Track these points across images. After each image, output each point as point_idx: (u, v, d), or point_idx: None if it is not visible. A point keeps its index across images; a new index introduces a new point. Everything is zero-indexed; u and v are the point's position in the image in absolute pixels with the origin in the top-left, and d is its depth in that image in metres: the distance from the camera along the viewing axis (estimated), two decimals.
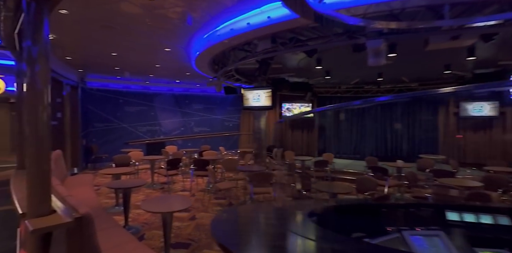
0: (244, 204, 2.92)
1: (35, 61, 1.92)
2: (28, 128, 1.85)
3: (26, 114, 1.87)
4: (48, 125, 1.85)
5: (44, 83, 1.90)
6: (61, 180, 5.18)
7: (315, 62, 6.01)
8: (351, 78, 8.54)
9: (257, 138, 7.91)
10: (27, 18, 2.08)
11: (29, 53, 2.03)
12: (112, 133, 10.19)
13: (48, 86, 1.89)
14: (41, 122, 1.81)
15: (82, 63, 6.96)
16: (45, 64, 1.96)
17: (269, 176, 5.15)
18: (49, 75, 1.98)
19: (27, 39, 2.06)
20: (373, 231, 2.19)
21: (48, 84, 1.90)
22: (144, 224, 4.51)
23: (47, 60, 1.99)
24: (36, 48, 1.99)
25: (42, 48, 2.03)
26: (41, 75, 1.93)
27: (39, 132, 1.82)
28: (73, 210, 2.30)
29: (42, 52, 2.00)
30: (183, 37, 4.29)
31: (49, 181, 2.21)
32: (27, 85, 1.93)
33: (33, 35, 2.06)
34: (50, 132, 1.89)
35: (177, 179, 7.65)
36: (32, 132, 1.83)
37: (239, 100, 12.07)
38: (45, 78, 1.91)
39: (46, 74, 1.94)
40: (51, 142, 1.93)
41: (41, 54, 1.99)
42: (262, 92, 7.14)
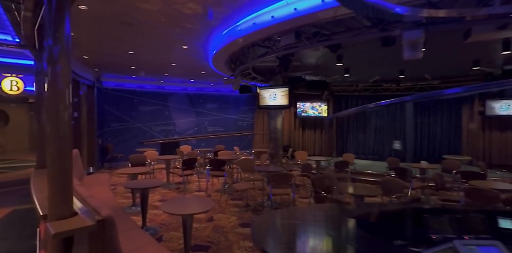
0: (278, 208, 2.80)
1: (56, 61, 1.86)
2: (49, 127, 1.80)
3: (47, 114, 1.82)
4: (69, 124, 1.81)
5: (65, 83, 1.85)
6: (78, 180, 5.16)
7: (335, 59, 5.79)
8: (371, 75, 8.25)
9: (273, 138, 7.74)
10: (48, 14, 2.01)
11: (51, 53, 1.96)
12: (127, 132, 10.23)
13: (69, 86, 1.85)
14: (62, 121, 1.77)
15: (98, 62, 6.96)
16: (66, 63, 1.90)
17: (288, 177, 4.97)
18: (70, 75, 1.93)
19: (48, 37, 1.98)
20: (416, 239, 1.99)
21: (69, 84, 1.86)
22: (162, 225, 4.42)
23: (69, 59, 1.94)
24: (58, 47, 1.93)
25: (63, 47, 1.94)
26: (63, 75, 1.87)
27: (60, 131, 1.77)
28: (95, 212, 2.20)
29: (63, 51, 1.93)
30: (202, 34, 4.17)
31: (70, 181, 2.11)
32: (48, 85, 1.88)
33: (54, 33, 1.98)
34: (71, 132, 1.84)
35: (192, 179, 7.57)
36: (53, 132, 1.77)
37: (253, 100, 11.95)
38: (67, 78, 1.86)
39: (68, 74, 1.89)
40: (71, 142, 1.88)
41: (62, 53, 1.92)
42: (279, 90, 6.97)
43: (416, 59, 2.80)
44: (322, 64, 6.56)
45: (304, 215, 2.32)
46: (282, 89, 6.90)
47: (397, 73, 7.44)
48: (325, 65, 6.72)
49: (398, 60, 6.16)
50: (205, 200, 3.53)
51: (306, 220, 2.17)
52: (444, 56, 5.81)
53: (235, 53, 5.04)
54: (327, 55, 5.72)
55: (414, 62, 6.29)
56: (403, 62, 6.28)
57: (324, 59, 6.19)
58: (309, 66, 6.77)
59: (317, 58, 6.19)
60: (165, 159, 6.87)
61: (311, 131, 11.71)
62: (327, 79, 8.46)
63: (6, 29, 3.91)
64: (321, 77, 8.50)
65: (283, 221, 2.16)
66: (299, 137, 11.71)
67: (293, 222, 2.17)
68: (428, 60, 6.07)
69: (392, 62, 6.39)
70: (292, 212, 2.53)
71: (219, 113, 11.69)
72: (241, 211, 5.16)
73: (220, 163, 6.38)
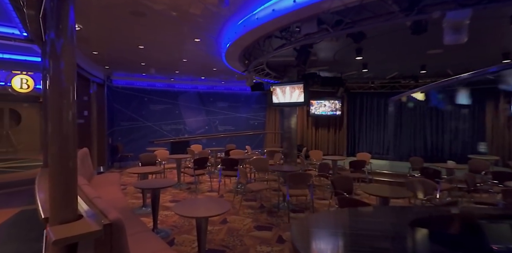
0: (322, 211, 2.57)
1: (59, 56, 1.69)
2: (51, 126, 1.66)
3: (49, 112, 1.67)
4: (73, 123, 1.69)
5: (69, 80, 1.69)
6: (88, 179, 4.99)
7: (354, 52, 5.47)
8: (389, 71, 7.87)
9: (286, 137, 7.46)
10: (50, 3, 1.80)
11: (53, 47, 1.74)
12: (137, 131, 10.12)
13: (73, 83, 1.71)
14: (66, 120, 1.66)
15: (108, 59, 6.82)
16: (70, 59, 1.74)
17: (306, 177, 4.68)
18: (74, 71, 1.78)
19: (50, 29, 1.78)
20: (475, 250, 1.68)
21: (74, 81, 1.72)
22: (174, 227, 4.19)
23: (73, 54, 1.77)
24: (61, 41, 1.72)
25: (67, 41, 1.74)
26: (66, 72, 1.70)
27: (64, 130, 1.65)
28: (102, 215, 1.97)
29: (67, 45, 1.73)
30: (216, 24, 3.93)
31: (74, 182, 1.89)
32: (51, 82, 1.72)
33: (57, 24, 1.78)
34: (75, 131, 1.71)
35: (203, 179, 7.36)
36: (56, 131, 1.65)
37: (264, 98, 11.70)
38: (71, 75, 1.71)
39: (72, 71, 1.73)
40: (76, 141, 1.74)
41: (66, 48, 1.73)
42: (294, 87, 6.69)
43: (460, 43, 2.48)
44: (340, 58, 6.25)
45: (350, 221, 2.06)
46: (297, 85, 6.62)
47: (417, 68, 7.05)
48: (343, 60, 6.41)
49: (421, 54, 5.87)
50: (220, 201, 3.27)
51: (356, 228, 1.90)
52: (471, 49, 5.42)
53: (249, 47, 4.79)
54: (346, 49, 5.42)
55: (436, 56, 5.98)
56: (426, 56, 5.96)
57: (341, 54, 5.88)
58: (326, 61, 6.46)
59: (334, 53, 5.89)
60: (176, 159, 6.67)
61: (325, 130, 11.36)
62: (342, 75, 8.11)
63: (13, 22, 3.76)
64: (336, 74, 8.17)
65: (333, 229, 1.89)
66: (312, 136, 11.38)
67: (341, 225, 1.92)
68: (452, 52, 5.74)
69: (414, 56, 6.02)
70: (333, 217, 2.24)
71: (230, 112, 11.47)
72: (255, 212, 4.90)
73: (233, 162, 6.13)
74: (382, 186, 4.44)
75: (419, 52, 5.55)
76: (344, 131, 11.14)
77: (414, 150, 10.25)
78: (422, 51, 5.48)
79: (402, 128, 10.51)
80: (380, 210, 2.72)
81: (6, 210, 4.54)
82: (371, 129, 11.03)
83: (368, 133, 11.07)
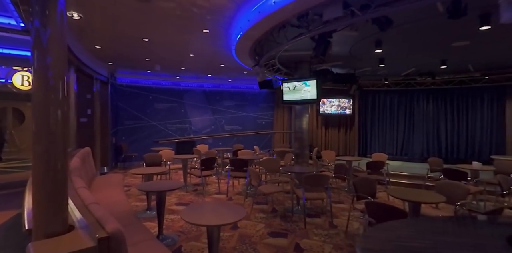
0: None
1: (46, 49, 1.46)
2: (35, 123, 1.48)
3: (33, 109, 1.49)
4: (64, 122, 1.52)
5: (58, 77, 1.48)
6: (89, 180, 4.69)
7: (373, 45, 5.12)
8: (406, 67, 7.46)
9: (298, 137, 7.11)
10: None
11: (38, 38, 1.48)
12: (142, 131, 9.84)
13: (63, 79, 1.51)
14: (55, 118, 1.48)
15: (112, 54, 6.52)
16: (60, 52, 1.51)
17: (324, 179, 4.32)
18: (64, 66, 1.56)
19: (34, 17, 1.47)
20: None
21: (63, 77, 1.53)
22: (180, 233, 3.86)
23: (64, 47, 1.54)
24: (48, 31, 1.47)
25: (56, 31, 1.49)
26: (54, 67, 1.48)
27: (51, 128, 1.47)
28: (99, 225, 1.63)
29: (56, 36, 1.49)
30: (228, 11, 3.59)
31: (64, 186, 1.56)
32: (35, 78, 1.49)
33: (42, 11, 1.48)
34: (67, 130, 1.54)
35: (210, 180, 7.03)
36: (41, 129, 1.46)
37: (272, 96, 11.36)
38: (60, 71, 1.50)
39: (61, 66, 1.52)
40: (68, 140, 1.61)
41: (54, 39, 1.48)
42: (306, 83, 6.33)
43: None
44: (356, 52, 5.87)
45: (431, 235, 1.71)
46: (310, 81, 6.26)
47: (437, 63, 6.64)
48: (359, 54, 6.03)
49: (444, 46, 5.45)
50: (233, 206, 2.93)
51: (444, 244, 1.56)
52: (502, 41, 5.03)
53: (262, 39, 4.44)
54: (364, 41, 5.05)
55: (459, 50, 5.57)
56: (449, 49, 5.55)
57: (358, 47, 5.51)
58: (340, 56, 6.09)
59: (350, 46, 5.52)
60: (182, 159, 6.35)
61: (335, 129, 10.97)
62: (356, 72, 7.74)
63: (9, 10, 3.47)
64: (349, 70, 7.79)
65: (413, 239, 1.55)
66: (322, 136, 11.00)
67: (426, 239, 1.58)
68: (481, 46, 5.34)
69: (437, 49, 5.62)
70: (406, 229, 1.89)
71: (237, 111, 11.14)
72: (268, 217, 4.55)
73: (242, 163, 5.80)
74: (409, 189, 4.07)
75: (444, 44, 5.17)
76: (355, 130, 10.74)
77: (427, 151, 9.81)
78: (446, 43, 5.10)
79: (414, 127, 10.08)
80: (453, 220, 2.34)
81: (5, 212, 4.27)
82: (383, 128, 10.61)
83: (381, 133, 10.65)
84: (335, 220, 4.41)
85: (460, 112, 9.43)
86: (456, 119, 9.49)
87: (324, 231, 3.97)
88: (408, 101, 10.09)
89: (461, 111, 9.41)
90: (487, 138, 8.95)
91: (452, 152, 9.54)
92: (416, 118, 10.01)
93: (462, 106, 9.38)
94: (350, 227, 4.04)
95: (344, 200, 5.48)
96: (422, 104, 9.92)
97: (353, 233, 3.92)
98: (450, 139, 9.58)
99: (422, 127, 9.93)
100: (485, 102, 8.98)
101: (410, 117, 10.15)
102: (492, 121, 8.87)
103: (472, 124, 9.23)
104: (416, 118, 10.01)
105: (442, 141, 9.68)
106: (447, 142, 9.65)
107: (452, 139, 9.55)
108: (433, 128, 9.79)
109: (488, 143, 8.92)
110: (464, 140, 9.34)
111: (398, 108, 10.32)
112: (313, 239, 3.71)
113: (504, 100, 8.55)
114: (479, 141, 9.10)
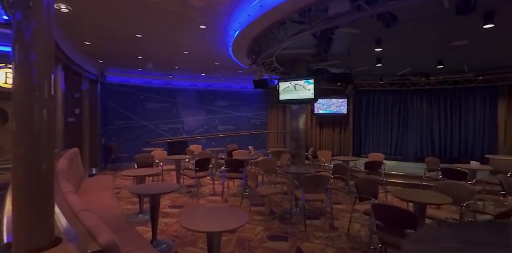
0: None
1: (29, 44, 1.33)
2: (16, 123, 1.38)
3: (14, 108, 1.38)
4: (50, 122, 1.41)
5: (43, 75, 1.36)
6: (77, 183, 4.44)
7: (372, 43, 5.04)
8: (403, 66, 7.44)
9: (294, 137, 6.99)
10: None
11: (20, 32, 1.34)
12: (132, 131, 9.55)
13: (49, 77, 1.40)
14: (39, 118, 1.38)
15: (102, 51, 6.24)
16: (46, 48, 1.38)
17: (324, 180, 4.20)
18: (51, 63, 1.45)
19: (16, 9, 1.32)
20: None
21: (50, 75, 1.41)
22: (175, 237, 3.67)
23: (50, 43, 1.42)
24: (32, 24, 1.33)
25: (41, 25, 1.35)
26: (40, 65, 1.35)
27: (34, 129, 1.36)
28: (90, 237, 1.45)
29: (41, 30, 1.36)
30: (227, 6, 3.42)
31: (50, 191, 1.38)
32: (16, 75, 1.35)
33: (25, 1, 1.36)
34: (53, 130, 1.45)
35: (204, 181, 6.84)
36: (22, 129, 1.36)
37: (266, 96, 11.22)
38: (46, 68, 1.38)
39: (48, 63, 1.40)
40: (54, 141, 1.47)
41: (39, 34, 1.36)
42: (303, 82, 6.21)
43: None
44: (354, 51, 5.79)
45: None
46: (307, 80, 6.15)
47: (434, 63, 6.63)
48: (357, 53, 5.95)
49: (443, 45, 5.41)
50: (234, 210, 2.77)
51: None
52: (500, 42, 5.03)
53: (260, 36, 4.29)
54: (363, 40, 4.97)
55: (457, 49, 5.56)
56: (448, 48, 5.52)
57: (357, 46, 5.43)
58: (338, 55, 6.01)
59: (349, 45, 5.44)
60: (175, 160, 6.14)
61: (329, 129, 10.91)
62: (352, 71, 7.68)
63: None
64: (345, 70, 7.73)
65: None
66: (316, 136, 10.92)
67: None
68: (479, 45, 5.33)
69: (435, 48, 5.59)
70: (460, 233, 1.75)
71: (231, 111, 10.96)
72: (266, 219, 4.40)
73: (238, 164, 5.63)
74: (412, 190, 3.98)
75: (443, 43, 5.13)
76: (349, 130, 10.70)
77: (420, 150, 9.85)
78: (446, 42, 5.06)
79: (408, 127, 10.11)
80: (485, 226, 2.21)
81: None
82: (377, 128, 10.60)
83: (375, 133, 10.63)
84: (335, 222, 4.29)
85: (453, 112, 9.50)
86: (450, 119, 9.54)
87: (325, 234, 3.84)
88: (403, 101, 10.12)
89: (455, 111, 9.47)
90: (479, 137, 9.03)
91: (445, 152, 9.59)
92: (410, 118, 10.03)
93: (455, 106, 9.45)
94: (351, 229, 3.92)
95: (342, 201, 5.38)
96: (416, 104, 9.95)
97: (355, 235, 3.81)
98: (444, 138, 9.63)
99: (416, 127, 9.96)
100: (478, 102, 9.06)
101: (404, 117, 10.17)
102: (485, 121, 8.95)
103: (465, 124, 9.30)
104: (410, 118, 10.03)
105: (435, 141, 9.73)
106: (440, 142, 9.69)
107: (445, 138, 9.60)
108: (427, 128, 9.83)
109: (481, 143, 8.99)
110: (457, 139, 9.41)
111: (392, 108, 10.33)
112: (314, 242, 3.58)
113: (497, 100, 8.64)
114: (472, 141, 9.17)
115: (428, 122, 9.80)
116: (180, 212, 4.70)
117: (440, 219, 3.10)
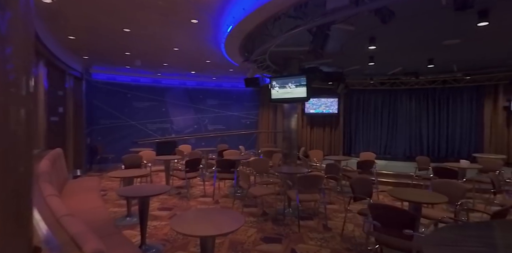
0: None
1: (3, 37, 1.20)
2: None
3: None
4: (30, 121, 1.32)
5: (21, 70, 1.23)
6: (61, 185, 4.21)
7: (365, 42, 5.01)
8: (394, 65, 7.48)
9: (286, 137, 6.92)
10: None
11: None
12: (119, 131, 9.25)
13: (28, 74, 1.28)
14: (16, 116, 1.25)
15: (87, 46, 5.97)
16: (24, 42, 1.26)
17: (318, 180, 4.13)
18: (30, 58, 1.33)
19: None
20: None
21: (29, 71, 1.29)
22: (165, 241, 3.52)
23: (30, 36, 1.30)
24: (7, 14, 1.19)
25: (18, 15, 1.22)
26: (17, 60, 1.23)
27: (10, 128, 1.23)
28: (74, 246, 1.29)
29: (18, 22, 1.22)
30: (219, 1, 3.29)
31: (28, 194, 1.23)
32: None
33: None
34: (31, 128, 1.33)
35: (194, 182, 6.66)
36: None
37: (257, 95, 11.11)
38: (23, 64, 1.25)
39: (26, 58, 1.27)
40: (34, 141, 1.18)
41: (16, 26, 1.23)
42: (295, 81, 6.15)
43: None
44: (347, 49, 5.76)
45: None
46: (299, 79, 6.08)
47: (425, 62, 6.68)
48: (350, 52, 5.93)
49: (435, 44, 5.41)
50: (228, 212, 2.65)
51: None
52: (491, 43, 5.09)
53: (254, 31, 4.18)
54: (357, 37, 4.93)
55: (452, 48, 5.60)
56: (439, 47, 5.55)
57: (350, 44, 5.40)
58: (330, 53, 5.96)
59: (342, 43, 5.40)
60: (164, 160, 5.95)
61: (320, 129, 10.91)
62: (343, 70, 7.67)
63: None
64: (336, 69, 7.71)
65: None
66: (307, 135, 10.90)
67: None
68: (470, 45, 5.38)
69: (427, 47, 5.61)
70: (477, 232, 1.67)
71: (221, 110, 10.80)
72: (259, 221, 4.30)
73: (229, 164, 5.51)
74: (406, 189, 3.96)
75: (435, 42, 5.15)
76: (340, 130, 10.73)
77: (409, 149, 9.97)
78: (438, 41, 5.09)
79: (397, 126, 10.22)
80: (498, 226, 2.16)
81: None
82: (367, 127, 10.68)
83: (365, 132, 10.71)
84: (329, 222, 4.23)
85: (441, 112, 9.66)
86: (438, 118, 9.71)
87: (319, 235, 3.77)
88: (392, 101, 10.23)
89: (443, 110, 9.64)
90: (466, 136, 9.22)
91: (433, 151, 9.74)
92: (400, 117, 10.15)
93: (443, 105, 9.61)
94: (345, 230, 3.87)
95: (335, 201, 5.33)
96: (406, 103, 10.08)
97: (349, 235, 3.76)
98: (432, 138, 9.78)
99: (405, 126, 10.09)
100: (465, 101, 9.24)
101: (394, 117, 10.28)
102: (471, 120, 9.14)
103: (453, 123, 9.47)
104: (400, 117, 10.15)
105: (424, 140, 9.87)
106: (428, 141, 9.84)
107: (433, 138, 9.75)
108: (415, 127, 9.97)
109: (467, 142, 9.18)
110: (444, 138, 9.57)
111: (382, 107, 10.43)
112: (308, 243, 3.50)
113: (483, 100, 8.83)
114: (459, 140, 9.35)
115: (417, 122, 9.94)
116: (170, 214, 4.54)
117: (436, 219, 3.07)
